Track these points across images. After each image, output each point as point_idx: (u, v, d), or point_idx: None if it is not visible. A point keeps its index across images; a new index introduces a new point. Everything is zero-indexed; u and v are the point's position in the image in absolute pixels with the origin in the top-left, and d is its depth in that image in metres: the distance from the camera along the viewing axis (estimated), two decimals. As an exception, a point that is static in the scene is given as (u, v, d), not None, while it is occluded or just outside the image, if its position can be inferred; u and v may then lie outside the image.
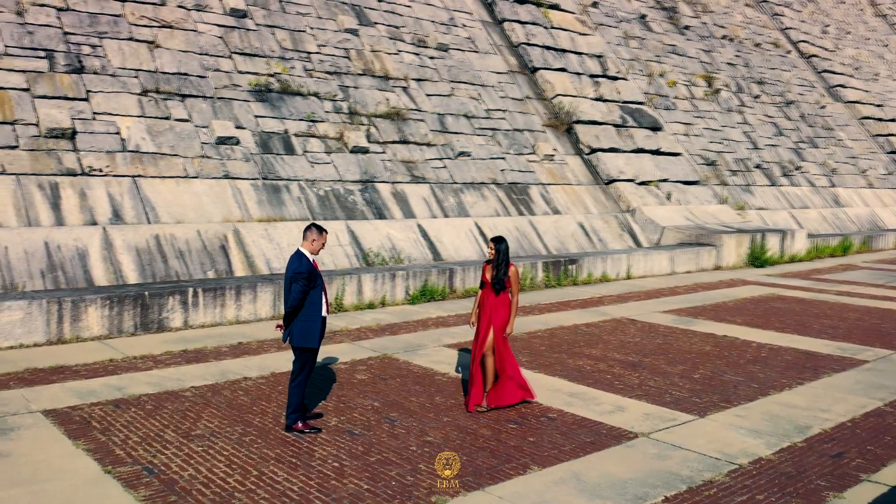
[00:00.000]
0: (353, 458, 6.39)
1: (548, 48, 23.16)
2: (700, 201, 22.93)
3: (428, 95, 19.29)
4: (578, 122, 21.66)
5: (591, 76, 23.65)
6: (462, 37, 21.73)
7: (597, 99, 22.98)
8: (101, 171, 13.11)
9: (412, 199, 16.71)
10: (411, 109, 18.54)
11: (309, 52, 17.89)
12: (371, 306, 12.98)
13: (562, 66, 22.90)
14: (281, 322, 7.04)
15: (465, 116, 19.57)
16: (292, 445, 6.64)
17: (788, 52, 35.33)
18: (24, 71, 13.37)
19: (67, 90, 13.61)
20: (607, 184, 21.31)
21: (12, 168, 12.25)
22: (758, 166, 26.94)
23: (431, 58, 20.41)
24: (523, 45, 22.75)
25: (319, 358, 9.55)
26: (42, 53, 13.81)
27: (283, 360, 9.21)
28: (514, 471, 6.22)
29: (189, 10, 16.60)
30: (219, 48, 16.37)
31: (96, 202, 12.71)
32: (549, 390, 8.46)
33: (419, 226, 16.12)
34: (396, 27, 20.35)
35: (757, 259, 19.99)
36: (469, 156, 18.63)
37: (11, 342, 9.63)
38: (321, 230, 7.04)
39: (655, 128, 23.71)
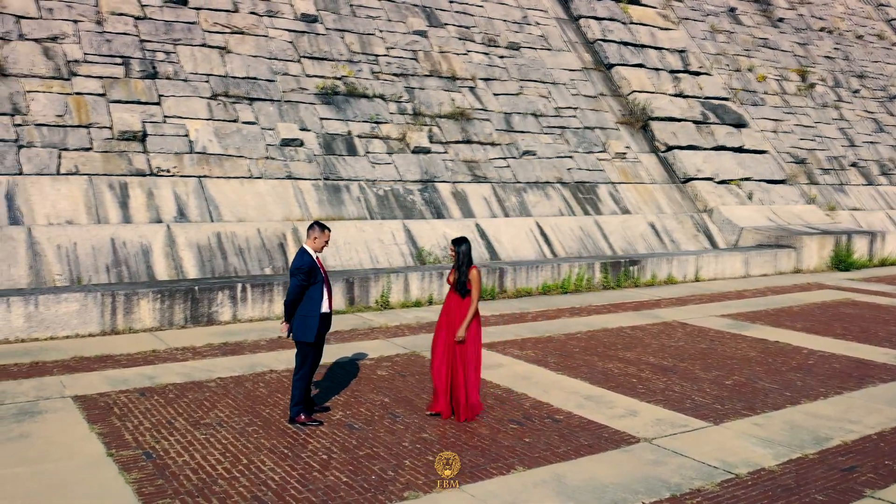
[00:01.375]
0: (343, 451, 6.54)
1: (625, 44, 22.67)
2: (785, 201, 21.90)
3: (495, 95, 19.29)
4: (655, 118, 21.11)
5: (671, 72, 22.99)
6: (535, 35, 21.59)
7: (676, 95, 22.33)
8: (168, 171, 13.83)
9: (472, 198, 16.77)
10: (477, 109, 18.59)
11: (377, 55, 18.23)
12: (418, 304, 13.14)
13: (640, 62, 22.37)
14: (285, 321, 7.28)
15: (533, 115, 19.45)
16: (289, 437, 6.86)
17: (894, 44, 33.14)
18: (101, 77, 14.26)
19: (141, 95, 14.43)
20: (683, 182, 20.69)
21: (85, 168, 13.11)
22: (854, 164, 25.44)
23: (501, 57, 20.39)
24: (599, 42, 22.37)
25: (348, 353, 9.81)
26: (119, 60, 14.69)
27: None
28: (498, 470, 6.21)
29: (261, 16, 17.25)
30: (288, 53, 16.94)
31: (162, 201, 13.42)
32: (567, 392, 8.35)
33: (477, 225, 16.16)
34: (467, 27, 20.44)
35: (842, 262, 18.92)
36: (534, 155, 18.51)
37: (68, 332, 10.35)
38: (323, 228, 7.23)
39: (739, 124, 22.81)
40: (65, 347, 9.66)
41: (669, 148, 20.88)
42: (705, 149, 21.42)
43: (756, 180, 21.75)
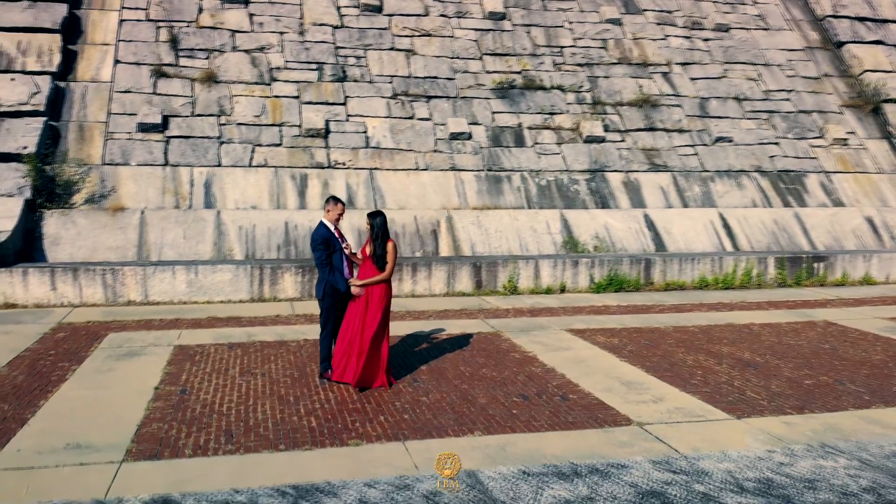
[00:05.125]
0: (336, 403, 7.12)
1: (861, 19, 20.07)
2: None
3: (692, 79, 18.31)
4: (889, 100, 18.47)
5: (925, 44, 19.87)
6: (750, 14, 20.02)
7: (927, 70, 19.27)
8: (344, 164, 15.35)
9: (646, 188, 16.18)
10: (667, 95, 17.83)
11: (562, 47, 18.31)
12: (548, 291, 13.14)
13: (877, 39, 19.67)
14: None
15: (735, 99, 18.12)
16: (306, 389, 7.59)
17: None
18: (296, 81, 16.24)
19: (328, 96, 16.15)
20: (926, 171, 17.87)
21: (273, 162, 15.06)
22: None
23: (705, 40, 19.26)
24: (828, 18, 20.07)
25: (433, 328, 10.30)
26: (314, 66, 16.57)
27: (406, 328, 10.14)
28: (454, 433, 6.36)
29: (449, 17, 18.26)
30: (470, 51, 17.73)
31: (335, 190, 14.94)
32: (608, 377, 8.06)
33: (646, 216, 15.58)
34: (669, 12, 19.62)
35: None
36: (730, 141, 17.27)
37: (222, 297, 12.13)
38: (336, 201, 7.83)
39: None
40: (210, 309, 11.39)
41: (910, 131, 18.13)
42: (960, 131, 18.23)
43: None
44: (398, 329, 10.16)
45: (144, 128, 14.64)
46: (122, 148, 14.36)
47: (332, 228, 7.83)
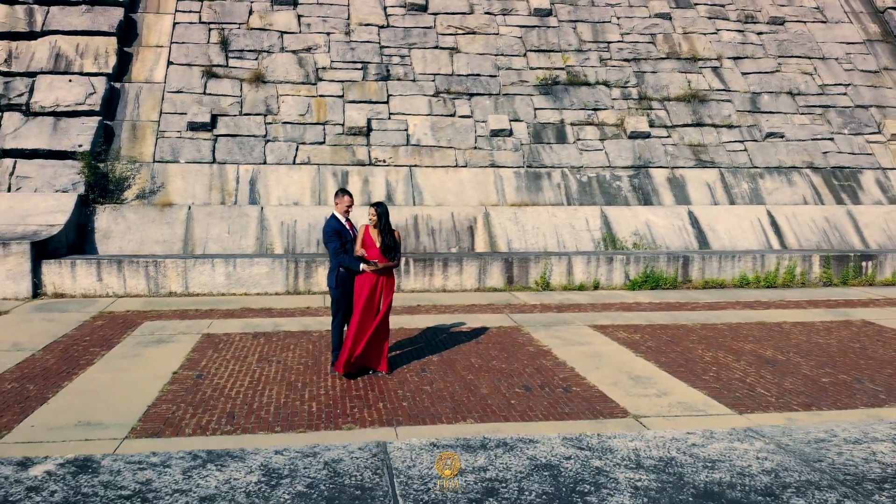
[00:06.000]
0: (340, 390, 7.29)
1: (928, 6, 19.20)
2: None
3: (743, 74, 17.88)
4: (956, 91, 17.63)
5: None
6: (807, 7, 19.41)
7: None
8: (384, 161, 15.58)
9: (691, 184, 15.88)
10: (716, 90, 17.45)
11: (609, 42, 18.13)
12: (581, 288, 13.04)
13: (946, 26, 18.79)
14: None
15: (789, 94, 17.61)
16: (316, 376, 7.79)
17: None
18: (341, 81, 16.56)
19: (372, 95, 16.41)
20: None
21: (315, 159, 15.40)
22: None
23: (759, 33, 18.76)
24: (890, 10, 19.29)
25: (457, 321, 10.39)
26: (359, 65, 16.87)
27: (428, 321, 10.27)
28: (447, 420, 6.44)
29: (494, 15, 18.30)
30: (515, 48, 17.73)
31: (375, 187, 15.19)
32: (618, 371, 8.00)
33: (690, 212, 15.29)
34: (721, 6, 19.20)
35: None
36: (781, 137, 16.80)
37: (258, 290, 12.49)
38: (344, 193, 8.00)
39: None
40: (245, 301, 11.75)
41: (979, 125, 17.26)
42: None
43: None
44: (421, 322, 10.29)
45: (194, 126, 15.18)
46: (172, 146, 14.92)
47: (342, 220, 8.01)
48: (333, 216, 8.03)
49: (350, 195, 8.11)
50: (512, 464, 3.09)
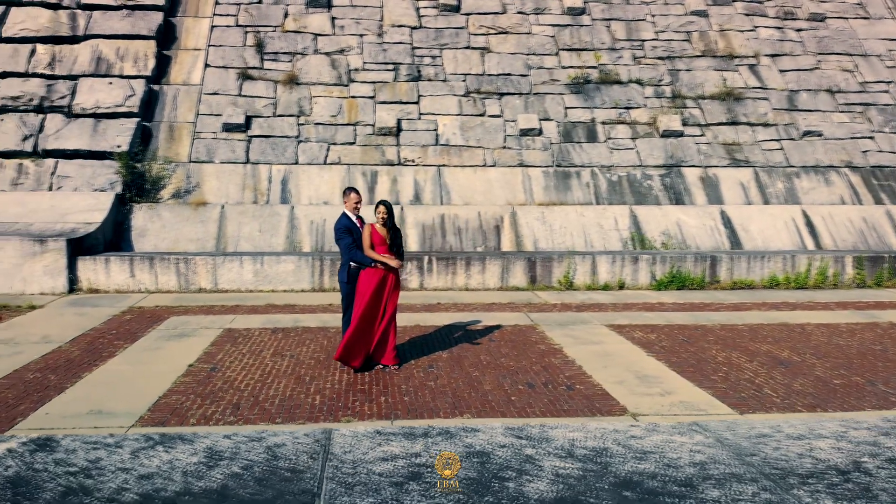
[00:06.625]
0: (346, 384, 7.42)
1: (978, -1, 18.55)
2: None
3: (781, 71, 17.54)
4: None
5: None
6: (848, 3, 18.94)
7: None
8: (413, 161, 15.72)
9: (725, 183, 15.65)
10: (753, 88, 17.16)
11: (643, 40, 17.97)
12: (606, 288, 12.96)
13: None
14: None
15: (828, 91, 17.22)
16: (324, 370, 7.94)
17: None
18: (373, 82, 16.76)
19: (402, 96, 16.57)
20: None
21: (346, 160, 15.62)
22: None
23: (798, 30, 18.38)
24: (939, 0, 18.68)
25: (474, 319, 10.45)
26: (391, 66, 17.05)
27: (446, 319, 10.35)
28: (445, 415, 6.49)
29: (527, 14, 18.30)
30: (546, 47, 17.71)
31: (403, 186, 15.34)
32: (625, 371, 7.97)
33: (722, 212, 15.07)
34: (759, 2, 18.87)
35: None
36: (819, 135, 16.44)
37: (285, 287, 12.74)
38: (351, 191, 8.16)
39: None
40: (271, 297, 12.00)
41: None
42: None
43: None
44: (438, 320, 10.39)
45: (228, 127, 15.54)
46: (207, 146, 15.31)
47: (353, 218, 8.16)
48: (344, 214, 8.19)
49: (357, 192, 8.26)
50: (447, 450, 3.15)
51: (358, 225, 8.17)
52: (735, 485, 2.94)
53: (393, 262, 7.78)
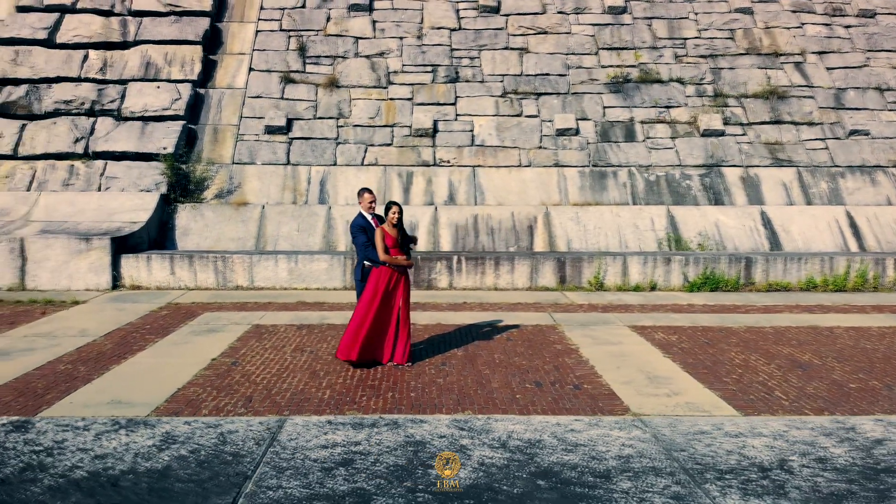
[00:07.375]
0: (358, 380, 7.60)
1: None
2: None
3: (828, 69, 17.11)
4: None
5: None
6: (903, -5, 18.34)
7: None
8: (448, 162, 15.88)
9: (766, 183, 15.36)
10: (798, 86, 16.79)
11: (685, 39, 17.76)
12: (637, 289, 12.87)
13: None
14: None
15: (877, 89, 16.73)
16: (340, 365, 8.15)
17: None
18: (411, 84, 16.97)
19: (440, 97, 16.75)
20: None
21: (383, 161, 15.87)
22: None
23: (847, 27, 17.90)
24: None
25: (495, 318, 10.55)
26: (429, 68, 17.24)
27: (468, 318, 10.48)
28: (448, 411, 6.61)
29: (567, 14, 18.26)
30: (586, 46, 17.65)
31: (438, 187, 15.51)
32: (637, 371, 7.96)
33: (762, 213, 14.80)
34: (808, -3, 18.42)
35: None
36: (866, 134, 15.99)
37: (318, 285, 13.04)
38: (364, 192, 8.40)
39: None
40: (303, 295, 12.31)
41: None
42: None
43: None
44: (460, 319, 10.51)
45: (270, 130, 15.96)
46: (249, 148, 15.75)
47: (368, 217, 8.36)
48: (360, 214, 8.40)
49: (371, 193, 8.47)
50: (386, 440, 3.28)
51: (373, 224, 8.36)
52: (650, 478, 2.99)
53: (405, 262, 7.97)
